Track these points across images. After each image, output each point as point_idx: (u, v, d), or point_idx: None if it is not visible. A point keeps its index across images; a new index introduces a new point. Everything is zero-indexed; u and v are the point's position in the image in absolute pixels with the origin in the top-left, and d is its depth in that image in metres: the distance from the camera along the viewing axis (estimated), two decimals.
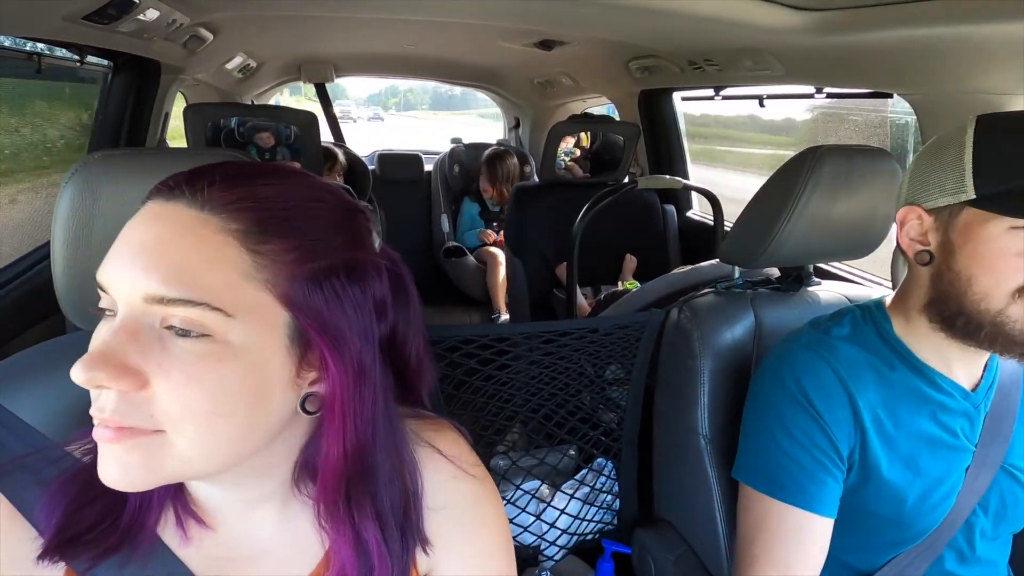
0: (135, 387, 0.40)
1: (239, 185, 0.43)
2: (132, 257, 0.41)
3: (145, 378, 0.40)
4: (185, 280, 0.40)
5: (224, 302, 0.41)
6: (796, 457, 0.78)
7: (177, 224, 0.41)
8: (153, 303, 0.40)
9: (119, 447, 0.41)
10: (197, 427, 0.41)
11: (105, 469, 0.41)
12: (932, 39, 1.16)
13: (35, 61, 1.59)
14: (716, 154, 3.56)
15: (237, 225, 0.42)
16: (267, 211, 0.43)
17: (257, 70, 2.99)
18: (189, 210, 0.42)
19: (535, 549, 1.42)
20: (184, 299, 0.40)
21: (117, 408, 0.40)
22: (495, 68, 3.31)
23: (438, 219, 3.36)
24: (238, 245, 0.42)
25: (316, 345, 0.45)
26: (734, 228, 1.08)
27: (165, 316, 0.41)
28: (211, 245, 0.41)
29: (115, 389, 0.40)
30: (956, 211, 0.72)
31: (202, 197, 0.42)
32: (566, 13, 1.66)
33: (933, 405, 0.79)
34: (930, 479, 0.77)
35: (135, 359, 0.40)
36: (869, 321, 0.83)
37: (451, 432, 0.61)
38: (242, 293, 0.42)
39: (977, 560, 0.83)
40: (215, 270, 0.41)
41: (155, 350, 0.40)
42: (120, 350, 0.40)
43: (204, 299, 0.40)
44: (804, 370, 0.79)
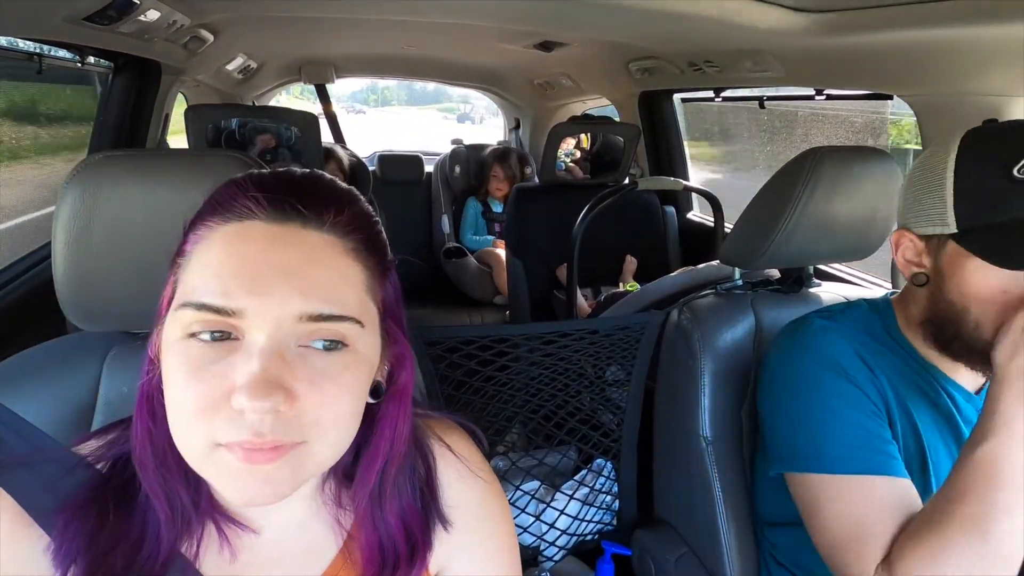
0: (292, 405, 0.41)
1: (345, 207, 0.47)
2: (280, 280, 0.42)
3: (299, 396, 0.42)
4: (336, 298, 0.43)
5: (361, 315, 0.45)
6: (860, 426, 0.74)
7: (311, 247, 0.44)
8: (307, 321, 0.42)
9: (271, 466, 0.42)
10: (339, 431, 0.45)
11: (250, 490, 0.42)
12: (932, 41, 1.16)
13: (36, 61, 1.60)
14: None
15: (353, 245, 0.46)
16: (369, 229, 0.48)
17: (257, 71, 2.99)
18: (310, 232, 0.44)
19: (534, 550, 1.42)
20: (339, 315, 0.43)
21: (275, 428, 0.41)
22: (495, 69, 3.31)
23: (438, 220, 3.35)
24: (353, 262, 0.46)
25: (395, 339, 0.50)
26: (734, 229, 1.08)
27: (310, 333, 0.43)
28: (342, 264, 0.45)
29: (282, 410, 0.41)
30: (943, 241, 0.72)
31: (317, 218, 0.45)
32: (566, 14, 1.66)
33: (937, 406, 0.79)
34: (940, 471, 0.78)
35: (290, 379, 0.42)
36: (876, 317, 0.84)
37: (459, 431, 0.62)
38: (365, 304, 0.46)
39: None
40: (348, 286, 0.45)
41: (300, 367, 0.42)
42: (280, 372, 0.41)
43: (348, 313, 0.44)
44: (829, 347, 0.78)
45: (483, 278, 3.01)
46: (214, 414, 0.41)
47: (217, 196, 0.46)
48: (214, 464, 0.42)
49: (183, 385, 0.41)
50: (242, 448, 0.41)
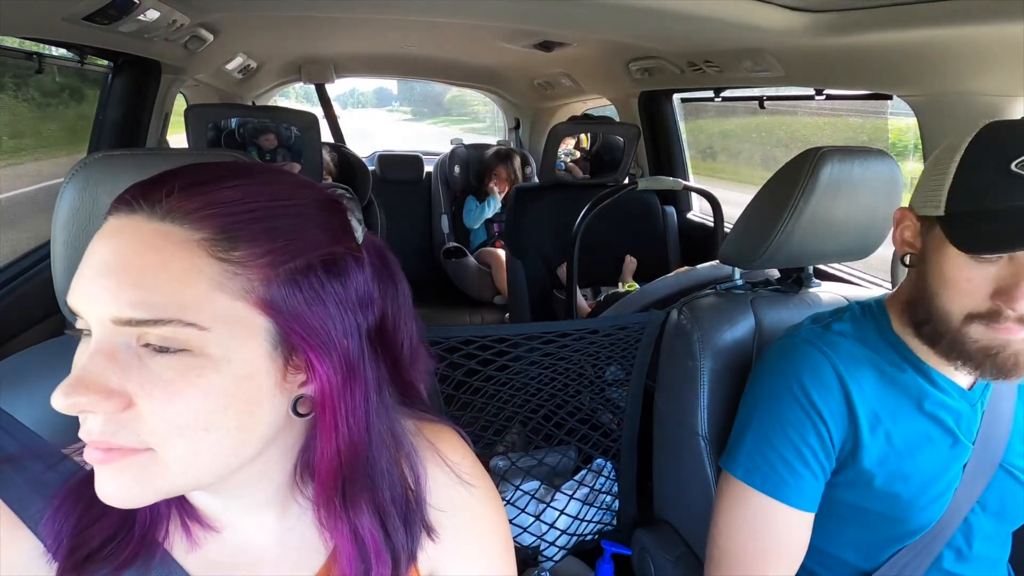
0: (119, 408, 0.39)
1: (199, 192, 0.41)
2: (96, 279, 0.39)
3: (128, 398, 0.39)
4: (153, 300, 0.39)
5: (197, 316, 0.39)
6: (781, 450, 0.78)
7: (138, 239, 0.40)
8: (123, 325, 0.39)
9: (110, 467, 0.40)
10: (185, 443, 0.40)
11: (101, 488, 0.41)
12: (932, 40, 1.16)
13: (35, 61, 1.60)
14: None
15: (202, 234, 0.40)
16: (232, 216, 0.41)
17: (257, 71, 2.99)
18: (150, 223, 0.40)
19: (534, 550, 1.42)
20: (153, 319, 0.39)
21: (104, 430, 0.39)
22: (495, 69, 3.31)
23: (438, 220, 3.35)
24: (205, 255, 0.40)
25: (300, 347, 0.44)
26: (734, 229, 1.08)
27: (140, 334, 0.39)
28: (176, 258, 0.40)
29: (99, 413, 0.39)
30: (933, 223, 0.72)
31: (161, 208, 0.40)
32: (566, 14, 1.66)
33: (930, 402, 0.79)
34: (926, 475, 0.78)
35: (116, 380, 0.39)
36: (869, 318, 0.84)
37: (452, 434, 0.61)
38: (215, 304, 0.40)
39: (976, 559, 0.83)
40: (183, 284, 0.39)
41: (135, 369, 0.39)
42: (99, 373, 0.39)
43: (175, 316, 0.39)
44: (803, 364, 0.80)
45: (483, 278, 3.01)
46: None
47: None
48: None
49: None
50: (88, 446, 0.40)
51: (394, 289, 0.52)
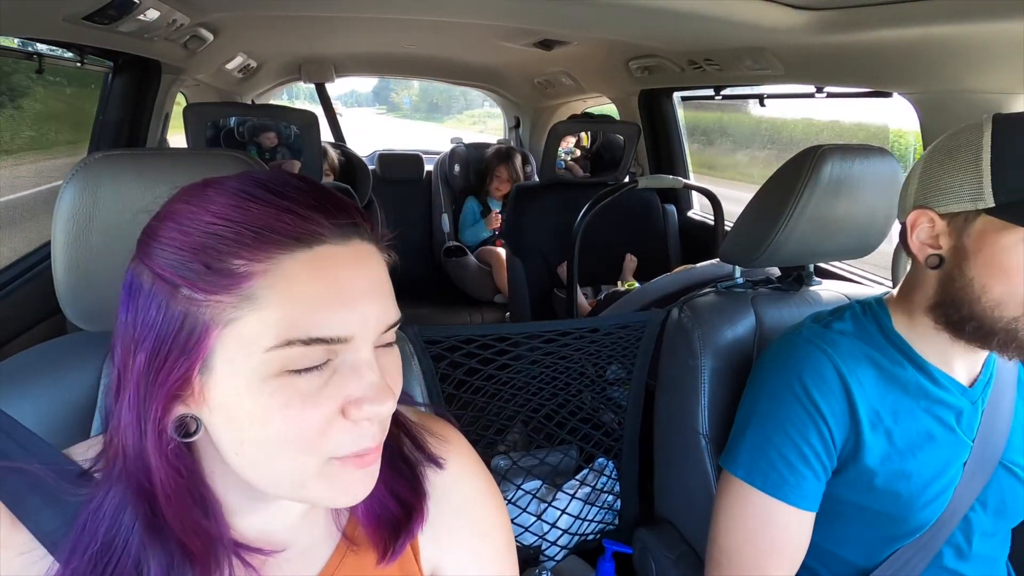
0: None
1: (366, 214, 0.48)
2: (370, 298, 0.44)
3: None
4: (395, 301, 0.47)
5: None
6: (782, 449, 0.78)
7: (370, 258, 0.46)
8: (389, 329, 0.45)
9: (376, 465, 0.46)
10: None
11: (360, 490, 0.45)
12: (932, 38, 1.16)
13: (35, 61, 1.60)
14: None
15: (386, 255, 0.48)
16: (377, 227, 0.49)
17: (257, 70, 2.99)
18: (365, 244, 0.46)
19: (536, 549, 1.42)
20: (401, 318, 0.47)
21: (384, 428, 0.46)
22: (495, 68, 3.31)
23: (438, 219, 3.35)
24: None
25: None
26: (734, 228, 1.08)
27: (383, 337, 0.45)
28: (384, 267, 0.47)
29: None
30: (971, 217, 0.71)
31: (364, 230, 0.46)
32: (566, 13, 1.66)
33: (931, 400, 0.79)
34: (927, 473, 0.78)
35: (390, 382, 0.45)
36: (870, 316, 0.84)
37: (452, 431, 0.61)
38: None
39: (976, 556, 0.83)
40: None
41: (384, 366, 0.45)
42: (383, 379, 0.44)
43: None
44: (804, 363, 0.80)
45: (483, 277, 3.01)
46: (326, 433, 0.42)
47: (257, 226, 0.41)
48: (327, 479, 0.44)
49: (295, 417, 0.41)
50: (357, 456, 0.44)
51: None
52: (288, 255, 0.41)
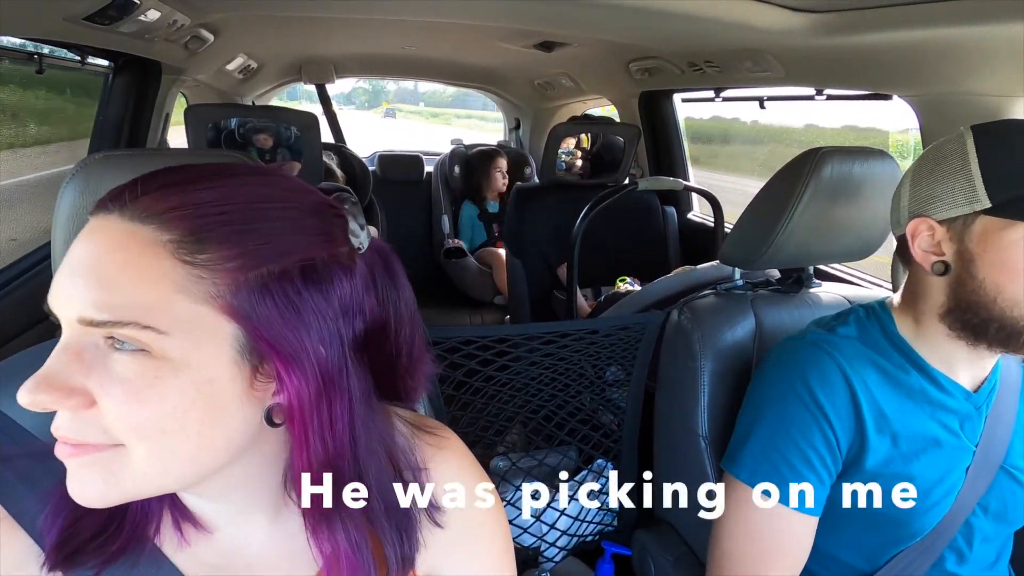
0: (82, 406, 0.39)
1: (173, 192, 0.41)
2: (68, 278, 0.40)
3: (91, 397, 0.39)
4: (113, 301, 0.38)
5: (155, 320, 0.39)
6: (786, 453, 0.78)
7: (108, 240, 0.40)
8: (86, 325, 0.39)
9: (76, 462, 0.41)
10: (147, 444, 0.40)
11: (70, 484, 0.41)
12: (932, 40, 1.16)
13: (36, 61, 1.60)
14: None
15: (169, 235, 0.39)
16: (203, 217, 0.40)
17: (258, 71, 2.99)
18: (121, 223, 0.40)
19: (535, 550, 1.42)
20: (111, 320, 0.38)
21: (70, 425, 0.40)
22: (495, 69, 3.31)
23: (438, 220, 3.35)
24: (170, 257, 0.39)
25: (268, 356, 0.42)
26: (734, 230, 1.08)
27: (104, 335, 0.40)
28: (141, 259, 0.39)
29: (67, 408, 0.39)
30: (970, 220, 0.71)
31: (133, 208, 0.40)
32: (567, 15, 1.66)
33: (934, 405, 0.79)
34: (929, 478, 0.77)
35: (79, 379, 0.39)
36: (874, 320, 0.84)
37: (451, 436, 0.61)
38: (177, 308, 0.39)
39: (977, 561, 0.83)
40: (144, 286, 0.39)
41: (97, 368, 0.39)
42: (63, 371, 0.39)
43: (133, 318, 0.38)
44: (810, 366, 0.79)
45: (483, 278, 3.01)
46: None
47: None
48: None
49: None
50: (58, 441, 0.41)
51: (396, 296, 0.51)
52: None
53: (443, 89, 8.70)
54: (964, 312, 0.74)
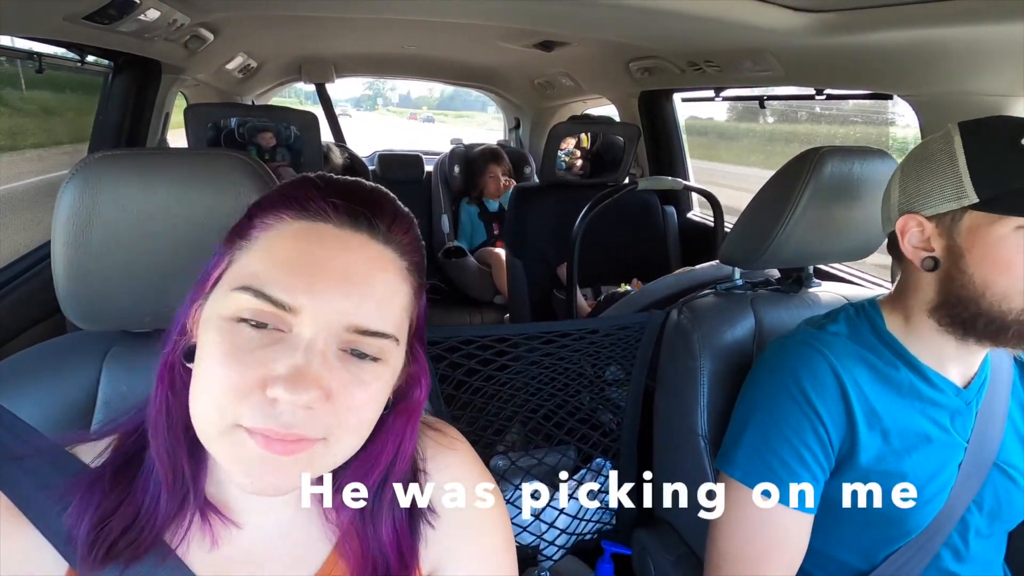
0: (324, 404, 0.43)
1: (408, 225, 0.49)
2: (340, 285, 0.43)
3: (331, 396, 0.43)
4: (383, 314, 0.45)
5: (399, 332, 0.46)
6: (779, 451, 0.78)
7: (372, 258, 0.46)
8: (353, 332, 0.44)
9: (288, 458, 0.43)
10: (357, 437, 0.46)
11: (263, 478, 0.43)
12: (932, 40, 1.16)
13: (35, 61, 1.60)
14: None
15: (407, 264, 0.48)
16: (419, 253, 0.50)
17: (257, 70, 2.99)
18: (376, 244, 0.46)
19: (534, 549, 1.42)
20: (382, 332, 0.45)
21: (303, 423, 0.42)
22: (495, 69, 3.31)
23: (438, 219, 3.35)
24: (406, 282, 0.47)
25: (416, 357, 0.51)
26: (734, 229, 1.08)
27: (352, 341, 0.44)
28: (395, 281, 0.46)
29: (313, 407, 0.42)
30: (958, 216, 0.72)
31: (385, 233, 0.46)
32: (566, 14, 1.66)
33: (924, 401, 0.80)
34: (922, 474, 0.78)
35: (326, 378, 0.43)
36: (863, 317, 0.84)
37: (452, 432, 0.62)
38: (403, 323, 0.48)
39: (973, 558, 0.83)
40: (396, 304, 0.46)
41: (338, 370, 0.43)
42: (320, 371, 0.42)
43: (393, 332, 0.45)
44: (801, 364, 0.80)
45: (483, 278, 3.01)
46: (244, 397, 0.42)
47: (292, 191, 0.47)
48: (231, 444, 0.43)
49: (222, 363, 0.42)
50: (264, 435, 0.42)
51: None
52: (292, 221, 0.45)
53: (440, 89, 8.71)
54: (953, 307, 0.74)
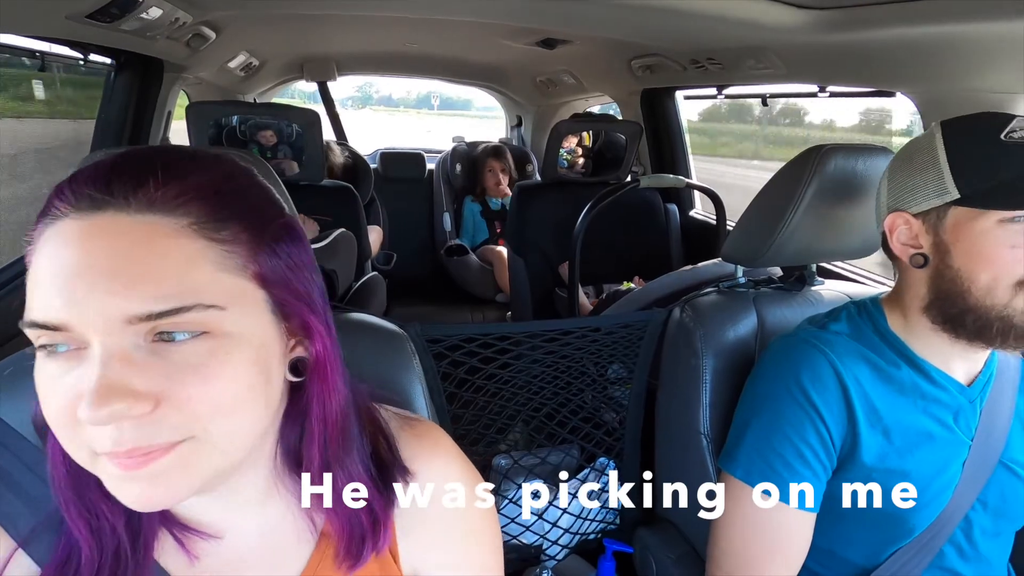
0: (148, 409, 0.38)
1: (172, 178, 0.41)
2: (93, 283, 0.38)
3: (155, 397, 0.39)
4: (169, 290, 0.38)
5: (212, 298, 0.40)
6: (781, 450, 0.78)
7: (127, 235, 0.39)
8: (139, 322, 0.38)
9: (153, 468, 0.39)
10: (225, 421, 0.41)
11: (143, 494, 0.40)
12: (935, 37, 1.16)
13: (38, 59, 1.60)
14: None
15: (189, 219, 0.40)
16: (209, 198, 0.42)
17: (259, 68, 2.99)
18: (129, 218, 0.39)
19: (537, 548, 1.42)
20: (174, 308, 0.38)
21: (138, 434, 0.38)
22: (497, 67, 3.31)
23: (440, 217, 3.35)
24: (200, 238, 0.40)
25: (295, 313, 0.46)
26: (736, 227, 1.08)
27: (152, 329, 0.39)
28: (176, 246, 0.39)
29: (133, 417, 0.38)
30: (943, 212, 0.74)
31: (137, 201, 0.39)
32: (569, 12, 1.65)
33: (927, 399, 0.79)
34: (925, 473, 0.78)
35: (138, 382, 0.38)
36: (865, 316, 0.84)
37: (436, 432, 0.60)
38: (223, 283, 0.41)
39: (977, 557, 0.83)
40: (191, 270, 0.40)
41: (154, 366, 0.39)
42: (123, 377, 0.38)
43: (194, 301, 0.39)
44: (802, 363, 0.80)
45: (485, 276, 3.00)
46: (80, 426, 0.38)
47: (47, 203, 0.41)
48: (101, 472, 0.40)
49: (45, 401, 0.40)
50: (115, 456, 0.39)
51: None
52: (42, 231, 0.41)
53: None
54: (943, 303, 0.75)
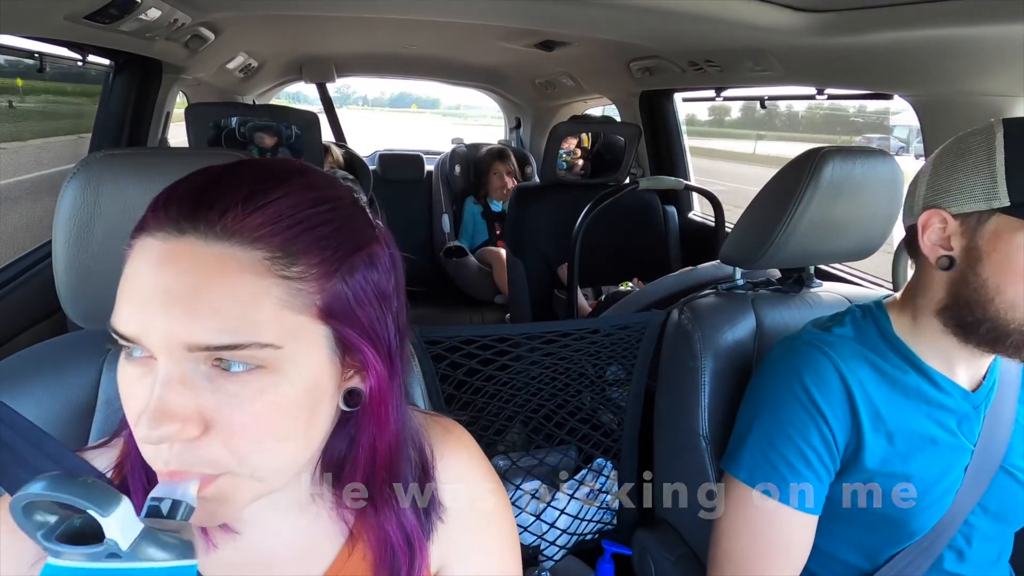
0: (197, 434, 0.39)
1: (254, 208, 0.40)
2: (163, 306, 0.38)
3: (206, 423, 0.39)
4: (228, 325, 0.38)
5: (270, 336, 0.39)
6: (784, 452, 0.78)
7: (202, 264, 0.39)
8: (198, 351, 0.38)
9: (204, 490, 0.40)
10: (263, 456, 0.41)
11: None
12: (933, 40, 1.16)
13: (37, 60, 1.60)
14: None
15: (263, 253, 0.40)
16: (288, 230, 0.41)
17: (258, 70, 2.99)
18: (208, 246, 0.39)
19: (535, 549, 1.42)
20: (231, 344, 0.38)
21: (183, 459, 0.39)
22: (496, 68, 3.31)
23: (439, 219, 3.35)
24: (269, 275, 0.40)
25: (356, 347, 0.44)
26: (735, 229, 1.08)
27: (211, 356, 0.39)
28: (244, 282, 0.39)
29: (182, 440, 0.39)
30: (985, 217, 0.70)
31: (217, 230, 0.39)
32: (567, 14, 1.66)
33: (932, 404, 0.79)
34: (927, 477, 0.78)
35: (192, 406, 0.39)
36: (869, 320, 0.84)
37: (459, 430, 0.61)
38: (284, 322, 0.40)
39: (976, 560, 0.83)
40: (255, 307, 0.39)
41: (208, 392, 0.39)
42: (179, 401, 0.38)
43: (251, 339, 0.39)
44: (806, 365, 0.80)
45: (483, 277, 3.00)
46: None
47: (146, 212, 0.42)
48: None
49: (125, 400, 0.41)
50: (161, 474, 0.40)
51: (399, 279, 0.52)
52: (133, 242, 0.41)
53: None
54: (960, 309, 0.74)
